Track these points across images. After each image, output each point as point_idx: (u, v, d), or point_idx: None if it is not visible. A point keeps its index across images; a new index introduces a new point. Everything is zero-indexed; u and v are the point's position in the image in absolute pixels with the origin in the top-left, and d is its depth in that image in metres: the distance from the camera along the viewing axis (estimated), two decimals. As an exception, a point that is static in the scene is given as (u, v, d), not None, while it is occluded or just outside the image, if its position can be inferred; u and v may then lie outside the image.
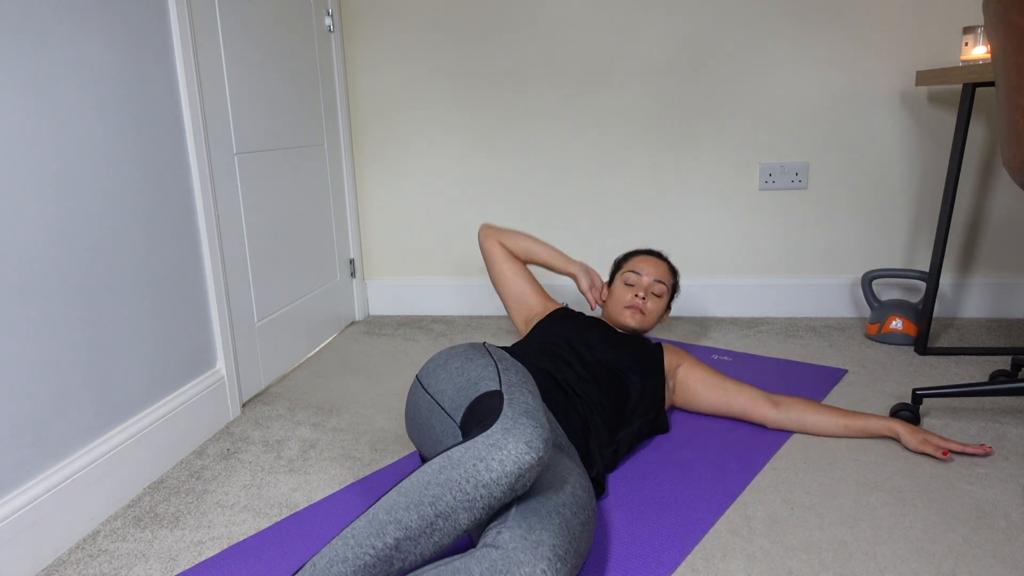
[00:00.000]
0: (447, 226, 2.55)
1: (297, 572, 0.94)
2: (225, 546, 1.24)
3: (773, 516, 1.27)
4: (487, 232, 1.88)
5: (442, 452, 0.97)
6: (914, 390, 1.60)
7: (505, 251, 1.85)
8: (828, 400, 1.75)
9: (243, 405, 1.85)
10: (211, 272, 1.69)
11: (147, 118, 1.48)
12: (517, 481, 0.93)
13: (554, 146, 2.43)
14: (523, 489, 0.95)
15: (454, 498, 0.92)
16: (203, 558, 1.21)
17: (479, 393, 1.11)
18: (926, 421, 1.61)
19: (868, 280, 2.25)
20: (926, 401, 1.71)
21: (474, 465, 0.92)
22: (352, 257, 2.53)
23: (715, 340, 2.22)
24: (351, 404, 1.84)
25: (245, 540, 1.25)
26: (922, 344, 2.04)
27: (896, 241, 2.37)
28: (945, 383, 1.83)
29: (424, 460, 1.36)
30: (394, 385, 1.96)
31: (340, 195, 2.44)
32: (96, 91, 1.34)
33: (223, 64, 1.76)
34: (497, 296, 2.56)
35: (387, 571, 0.93)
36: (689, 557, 1.16)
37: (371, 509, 0.95)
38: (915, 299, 2.38)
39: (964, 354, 2.02)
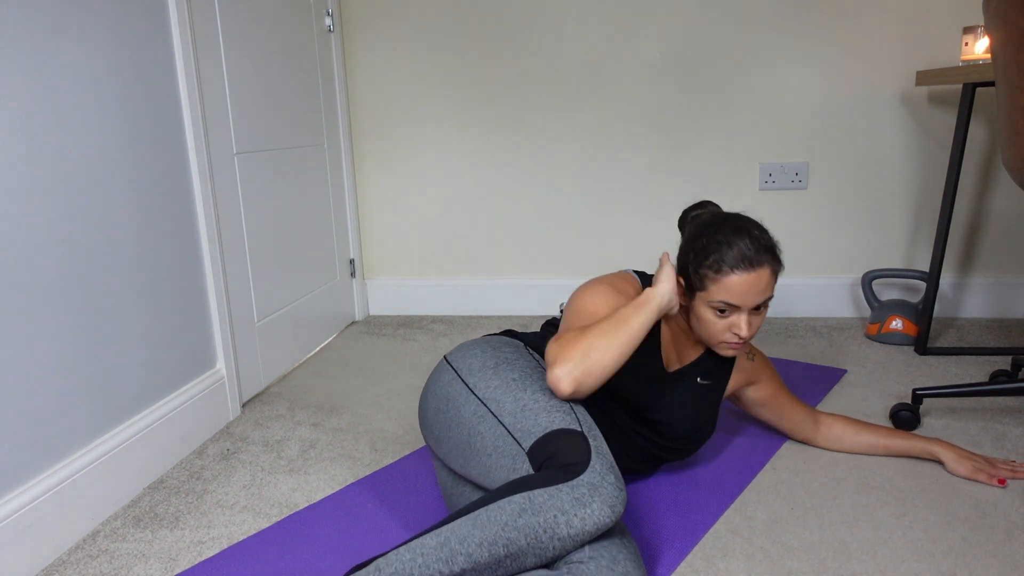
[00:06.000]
0: (447, 226, 2.55)
1: (360, 568, 0.98)
2: (225, 546, 1.24)
3: (773, 516, 1.27)
4: (567, 380, 1.11)
5: (522, 490, 0.97)
6: (914, 390, 1.60)
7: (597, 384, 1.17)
8: (828, 399, 1.75)
9: (243, 405, 1.85)
10: (211, 272, 1.69)
11: (147, 118, 1.48)
12: (591, 537, 0.95)
13: (553, 146, 2.43)
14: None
15: (527, 543, 0.94)
16: (203, 558, 1.21)
17: (556, 428, 1.06)
18: (926, 421, 1.61)
19: (868, 280, 2.25)
20: (926, 401, 1.71)
21: (555, 517, 0.94)
22: (352, 257, 2.53)
23: (715, 340, 2.22)
24: (351, 404, 1.84)
25: (245, 540, 1.25)
26: (922, 344, 2.04)
27: (896, 241, 2.37)
28: (945, 383, 1.83)
29: (431, 450, 1.31)
30: (394, 385, 1.96)
31: (340, 195, 2.44)
32: (95, 91, 1.34)
33: (223, 64, 1.76)
34: (497, 296, 2.57)
35: None
36: (689, 557, 1.16)
37: (443, 530, 0.97)
38: (915, 299, 2.38)
39: (964, 354, 2.02)
